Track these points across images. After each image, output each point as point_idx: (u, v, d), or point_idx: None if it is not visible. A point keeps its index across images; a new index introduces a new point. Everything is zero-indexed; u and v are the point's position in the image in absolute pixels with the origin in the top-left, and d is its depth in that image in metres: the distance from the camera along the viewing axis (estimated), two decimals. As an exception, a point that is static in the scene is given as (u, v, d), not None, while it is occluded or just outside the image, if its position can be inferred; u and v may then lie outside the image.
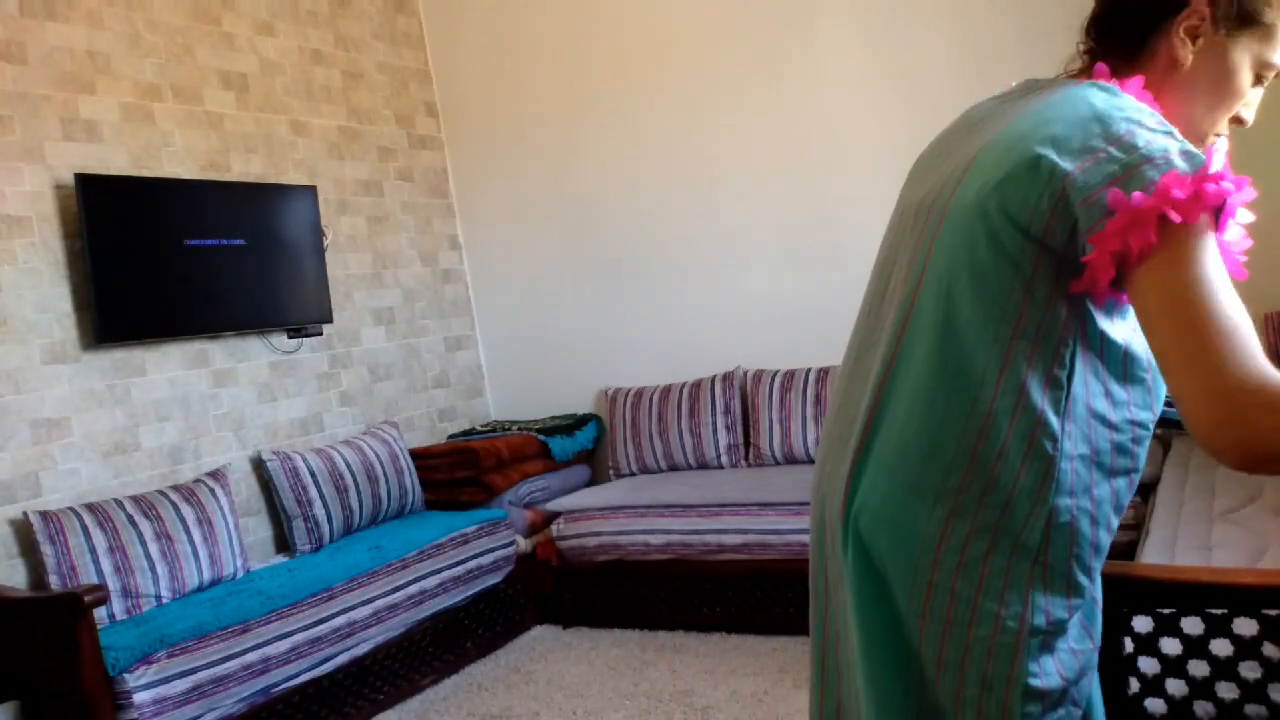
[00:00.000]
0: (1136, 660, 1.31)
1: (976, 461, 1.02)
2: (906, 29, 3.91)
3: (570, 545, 3.84)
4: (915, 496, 1.05)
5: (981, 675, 1.03)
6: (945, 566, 1.03)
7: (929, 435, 1.05)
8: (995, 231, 1.02)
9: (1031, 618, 1.02)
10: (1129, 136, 0.98)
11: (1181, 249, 0.93)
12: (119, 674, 2.55)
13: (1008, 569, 1.02)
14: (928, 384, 1.06)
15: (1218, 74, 1.10)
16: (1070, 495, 1.02)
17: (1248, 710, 1.26)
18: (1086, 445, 1.03)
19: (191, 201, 3.50)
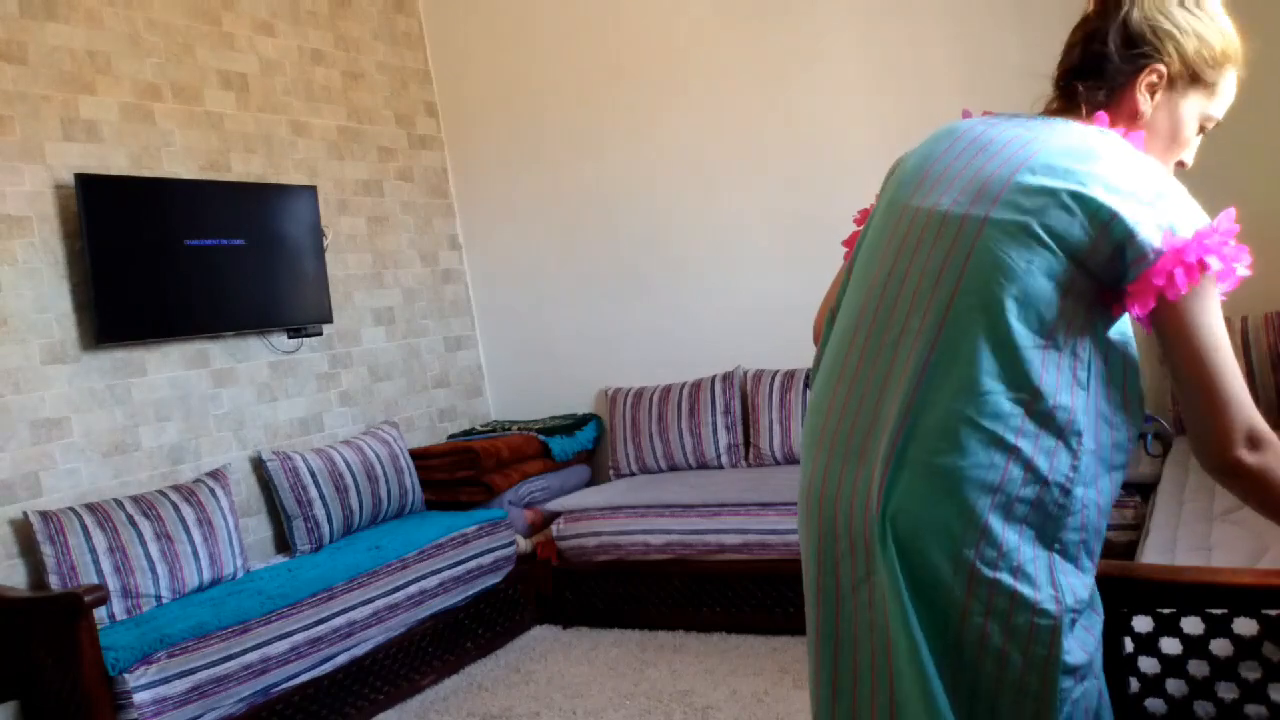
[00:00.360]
0: (1136, 660, 1.31)
1: (1016, 458, 1.11)
2: (906, 31, 3.91)
3: (570, 545, 3.84)
4: (956, 496, 1.11)
5: (1025, 658, 1.10)
6: (986, 559, 1.10)
7: (972, 438, 1.12)
8: (1039, 252, 1.13)
9: (1064, 599, 1.11)
10: (1167, 188, 1.15)
11: (1207, 295, 1.13)
12: (119, 674, 2.55)
13: (1037, 557, 1.12)
14: (970, 389, 1.13)
15: (1171, 124, 1.28)
16: (1085, 486, 1.14)
17: (1248, 710, 1.26)
18: (1094, 441, 1.14)
19: (191, 201, 3.50)
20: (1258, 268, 1.50)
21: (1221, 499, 2.48)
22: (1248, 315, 3.28)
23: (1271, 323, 3.21)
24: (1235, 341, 3.23)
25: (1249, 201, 3.68)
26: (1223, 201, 3.87)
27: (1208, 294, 1.13)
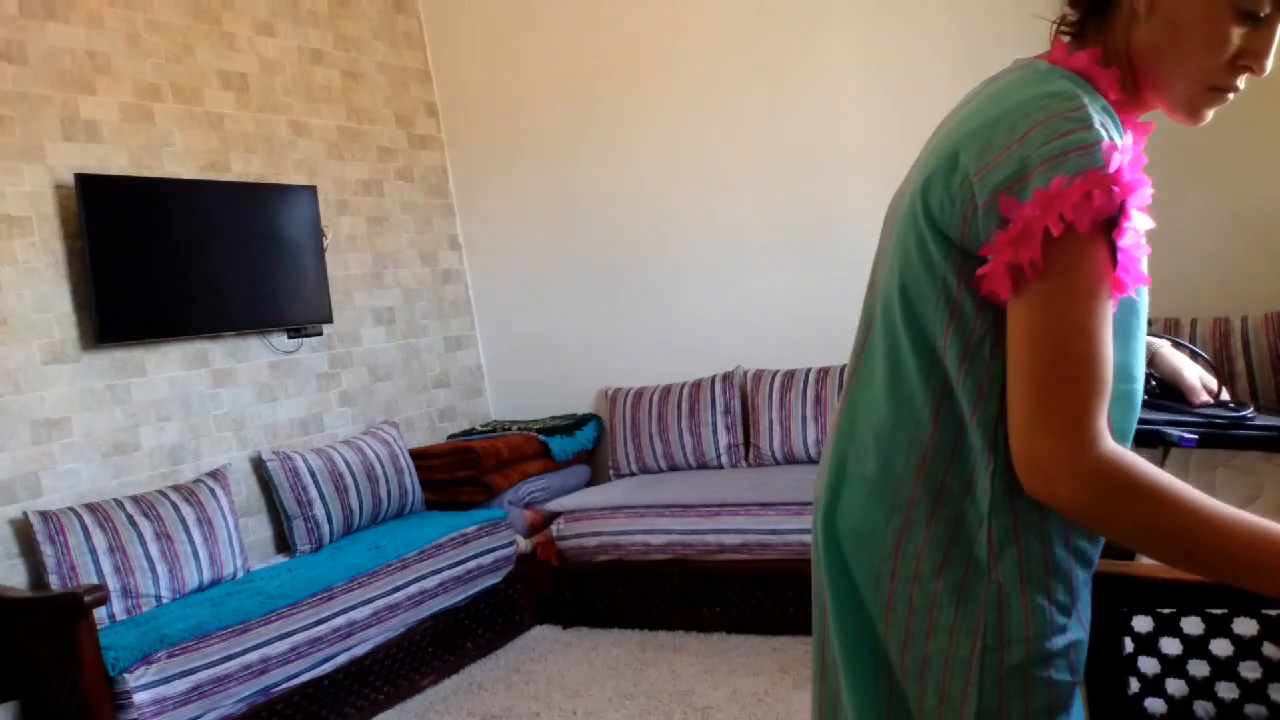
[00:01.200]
0: (1136, 660, 1.31)
1: (925, 475, 1.01)
2: (906, 31, 3.91)
3: (570, 545, 3.84)
4: (878, 506, 1.04)
5: (939, 688, 1.01)
6: (902, 577, 1.02)
7: (883, 447, 1.04)
8: (922, 237, 0.99)
9: (986, 636, 0.98)
10: (1032, 132, 0.90)
11: (1066, 273, 0.89)
12: (119, 674, 2.55)
13: (961, 584, 0.99)
14: (880, 396, 1.05)
15: (1186, 19, 0.94)
16: (1010, 511, 0.98)
17: (1248, 710, 1.26)
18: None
19: (191, 201, 3.50)
20: (1257, 268, 1.49)
21: (1221, 499, 2.47)
22: (1248, 315, 3.28)
23: (1271, 323, 3.21)
24: (1235, 341, 3.24)
25: (1249, 201, 3.70)
26: (1223, 201, 3.87)
27: (1071, 265, 0.89)
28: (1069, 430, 0.88)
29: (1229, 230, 3.44)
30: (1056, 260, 0.88)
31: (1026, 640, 0.98)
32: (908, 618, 1.02)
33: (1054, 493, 0.89)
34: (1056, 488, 0.88)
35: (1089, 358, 0.88)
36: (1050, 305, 0.89)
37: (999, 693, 0.99)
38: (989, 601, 0.99)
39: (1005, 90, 0.97)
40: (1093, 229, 0.88)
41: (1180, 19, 0.93)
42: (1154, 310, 3.55)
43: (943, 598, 1.00)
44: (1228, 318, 3.32)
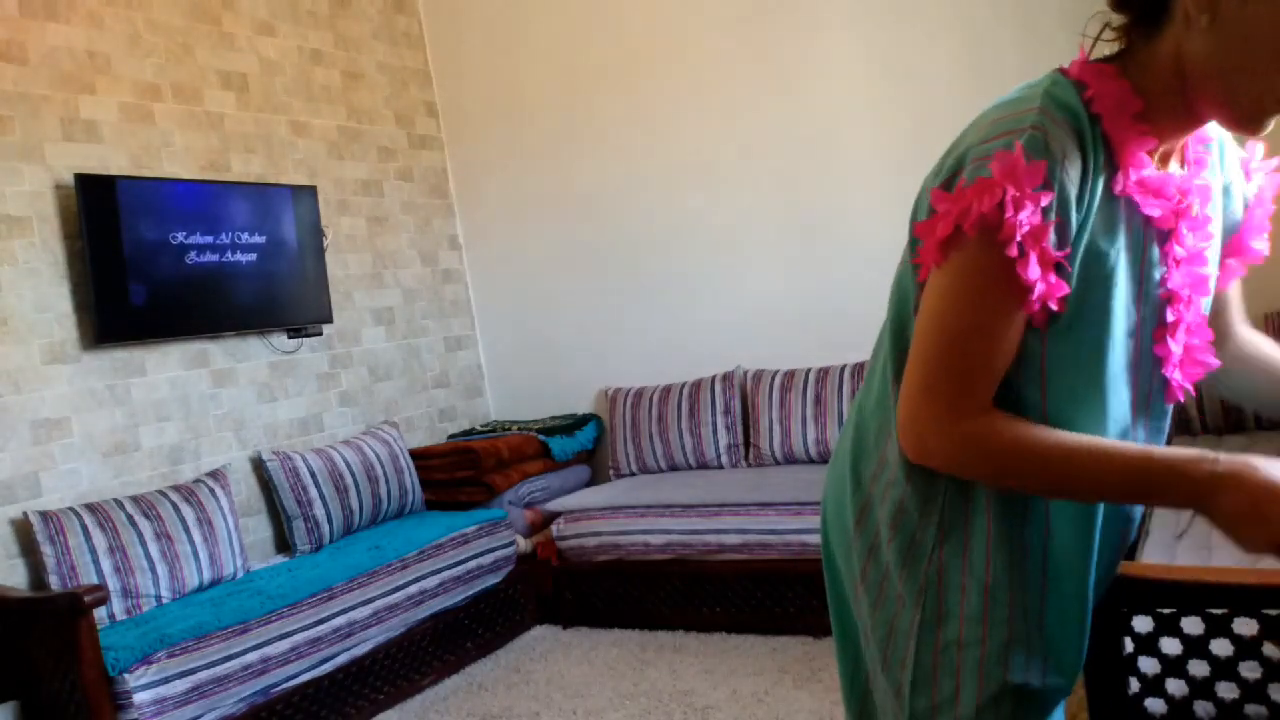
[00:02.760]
0: (1136, 660, 1.31)
1: (888, 453, 1.10)
2: (907, 31, 3.91)
3: (570, 545, 3.84)
4: (849, 482, 1.16)
5: (882, 655, 1.10)
6: (861, 550, 1.14)
7: (863, 425, 1.16)
8: (905, 256, 1.07)
9: (925, 609, 1.06)
10: (973, 132, 1.00)
11: (955, 271, 0.95)
12: (119, 674, 2.55)
13: (906, 558, 1.07)
14: (874, 380, 1.16)
15: (1261, 33, 0.87)
16: (961, 494, 1.05)
17: (1248, 710, 1.26)
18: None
19: (191, 201, 3.50)
20: (1256, 268, 1.51)
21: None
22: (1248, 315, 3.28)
23: (1272, 323, 3.21)
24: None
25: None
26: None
27: (960, 265, 0.96)
28: (942, 402, 0.97)
29: (1229, 230, 3.44)
30: (950, 256, 0.95)
31: (961, 619, 1.05)
32: (865, 587, 1.13)
33: (926, 452, 1.00)
34: (929, 448, 0.99)
35: (968, 347, 0.96)
36: (942, 296, 0.97)
37: (932, 665, 1.06)
38: (929, 577, 1.06)
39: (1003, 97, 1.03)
40: (978, 234, 0.92)
41: (1254, 33, 0.87)
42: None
43: (893, 570, 1.09)
44: (1228, 318, 3.32)
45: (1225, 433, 3.26)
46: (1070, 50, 1.08)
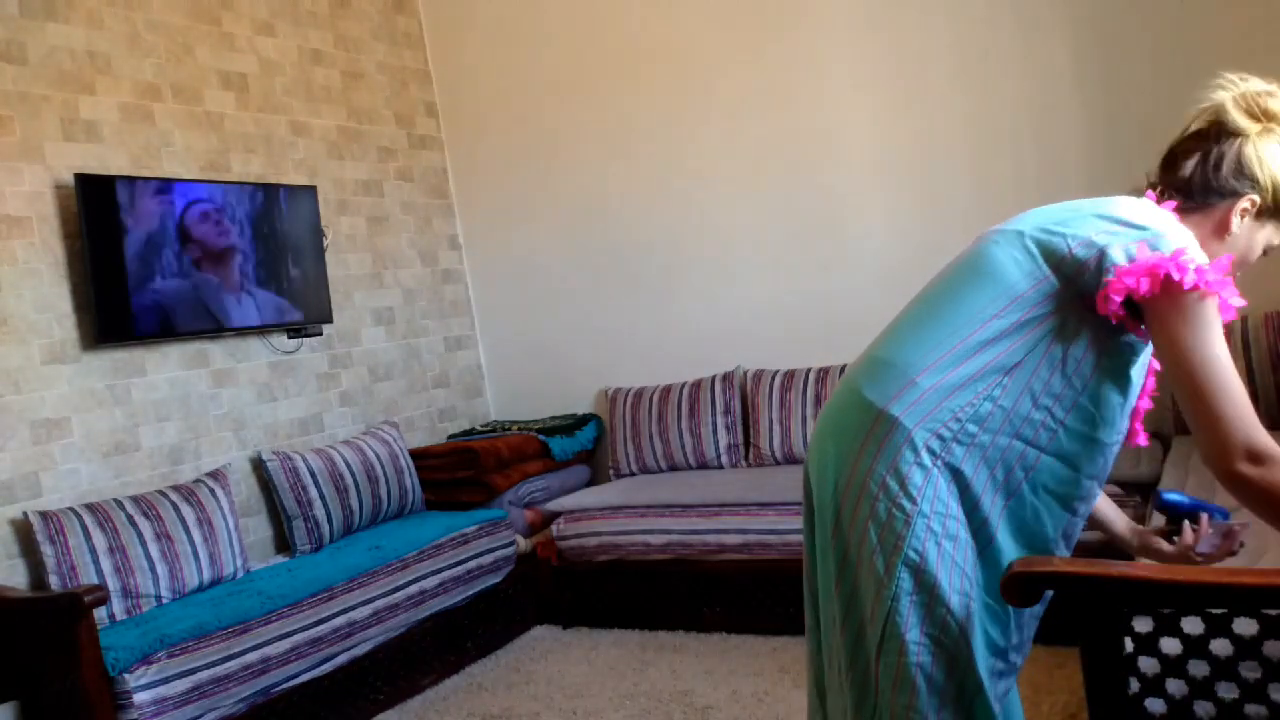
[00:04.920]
0: (1136, 660, 1.31)
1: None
2: (906, 32, 3.91)
3: (570, 545, 3.84)
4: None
5: (861, 609, 1.35)
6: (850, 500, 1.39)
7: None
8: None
9: (921, 502, 1.33)
10: (1164, 226, 1.38)
11: (1198, 312, 1.32)
12: (119, 674, 2.55)
13: (884, 515, 1.34)
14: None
15: (1247, 244, 1.48)
16: (936, 454, 1.36)
17: (1248, 710, 1.26)
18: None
19: (191, 202, 3.50)
20: (1257, 268, 1.51)
21: (1221, 499, 2.48)
22: (1247, 315, 3.28)
23: (1272, 323, 3.21)
24: (1235, 341, 3.23)
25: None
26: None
27: (1197, 311, 1.28)
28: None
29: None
30: (1196, 308, 1.33)
31: (940, 510, 1.33)
32: (844, 544, 1.38)
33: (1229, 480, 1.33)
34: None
35: (1228, 379, 1.33)
36: (1190, 338, 1.35)
37: (901, 616, 1.30)
38: (899, 531, 1.32)
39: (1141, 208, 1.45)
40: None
41: (1246, 243, 1.49)
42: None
43: (870, 524, 1.34)
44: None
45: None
46: (1068, 46, 1.17)
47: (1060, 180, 3.71)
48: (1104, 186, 4.05)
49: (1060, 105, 3.66)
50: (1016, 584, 1.32)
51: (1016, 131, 3.75)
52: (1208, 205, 1.44)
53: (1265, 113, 1.42)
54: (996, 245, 1.44)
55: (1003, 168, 3.79)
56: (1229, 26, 3.38)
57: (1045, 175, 3.72)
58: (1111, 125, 3.59)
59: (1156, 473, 2.93)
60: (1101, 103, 3.60)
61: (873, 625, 1.34)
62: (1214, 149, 1.43)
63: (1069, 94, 3.65)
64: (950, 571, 1.33)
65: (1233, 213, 1.43)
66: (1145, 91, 3.52)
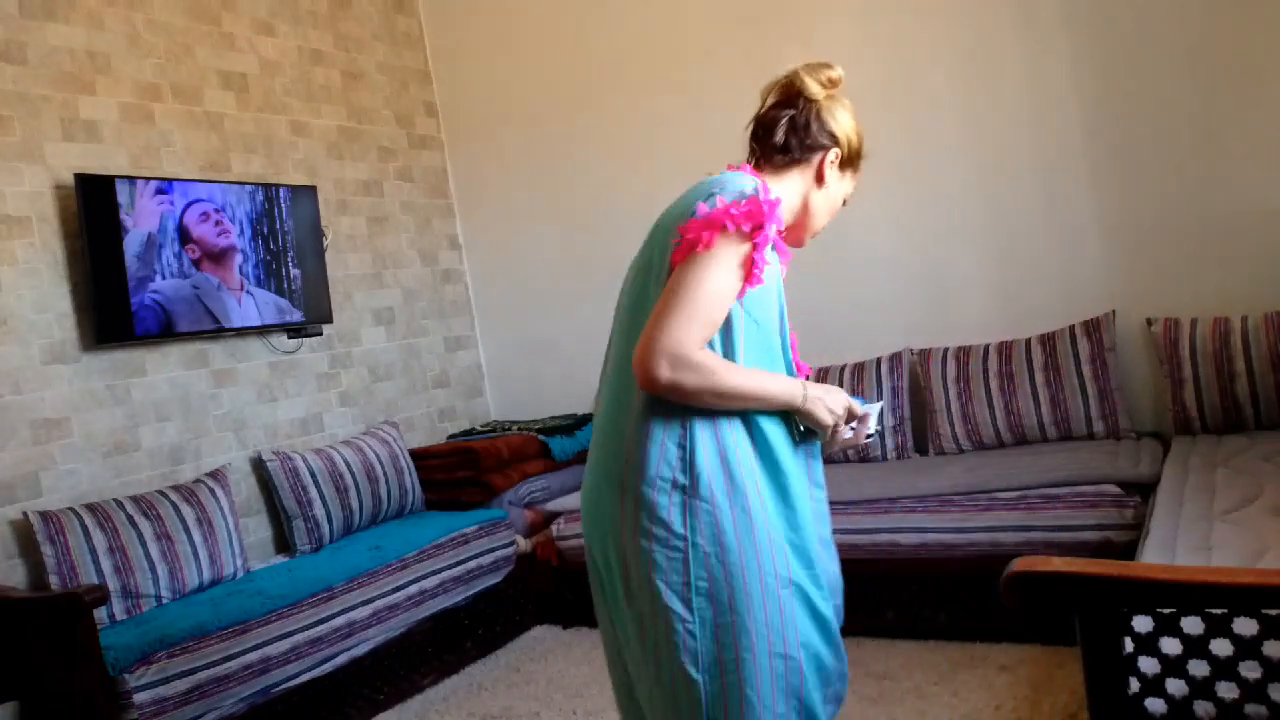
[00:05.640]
0: (1136, 660, 1.31)
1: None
2: (905, 33, 3.90)
3: (570, 545, 3.84)
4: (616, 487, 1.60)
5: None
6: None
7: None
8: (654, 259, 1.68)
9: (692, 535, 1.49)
10: (711, 186, 1.59)
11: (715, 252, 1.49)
12: (119, 674, 2.55)
13: (682, 500, 1.50)
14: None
15: (835, 194, 1.75)
16: (694, 437, 1.54)
17: (1248, 710, 1.26)
18: None
19: (191, 202, 3.50)
20: (1257, 268, 1.50)
21: (1221, 498, 2.48)
22: (1247, 315, 3.28)
23: (1271, 323, 3.20)
24: (1235, 341, 3.24)
25: (1250, 201, 3.69)
26: (1226, 201, 3.87)
27: (716, 251, 1.48)
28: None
29: (1229, 230, 3.44)
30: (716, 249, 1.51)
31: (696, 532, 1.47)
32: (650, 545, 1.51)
33: (647, 374, 1.46)
34: (649, 369, 1.45)
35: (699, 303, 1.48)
36: (697, 267, 1.52)
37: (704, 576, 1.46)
38: (684, 507, 1.48)
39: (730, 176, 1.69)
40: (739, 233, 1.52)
41: (834, 193, 1.76)
42: (1155, 310, 3.56)
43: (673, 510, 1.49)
44: (1228, 318, 3.31)
45: (1225, 432, 3.26)
46: (1068, 47, 1.16)
47: (1060, 179, 3.71)
48: (1104, 184, 4.07)
49: (1060, 104, 3.66)
50: (1017, 584, 1.33)
51: (1018, 131, 3.75)
52: (806, 161, 1.69)
53: (830, 81, 1.70)
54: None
55: (1004, 167, 3.79)
56: (1229, 26, 3.38)
57: (1045, 175, 3.72)
58: (1111, 124, 3.59)
59: (1157, 473, 2.93)
60: (1101, 102, 3.60)
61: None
62: (797, 115, 1.70)
63: (1069, 93, 3.64)
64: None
65: (825, 164, 1.69)
66: (1145, 90, 3.52)
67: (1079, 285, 3.69)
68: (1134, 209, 3.59)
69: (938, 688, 2.83)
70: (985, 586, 2.53)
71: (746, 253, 1.49)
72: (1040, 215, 3.75)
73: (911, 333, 3.93)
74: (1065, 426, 3.49)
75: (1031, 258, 3.78)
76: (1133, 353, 3.62)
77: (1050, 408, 3.50)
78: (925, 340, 3.88)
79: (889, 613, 3.24)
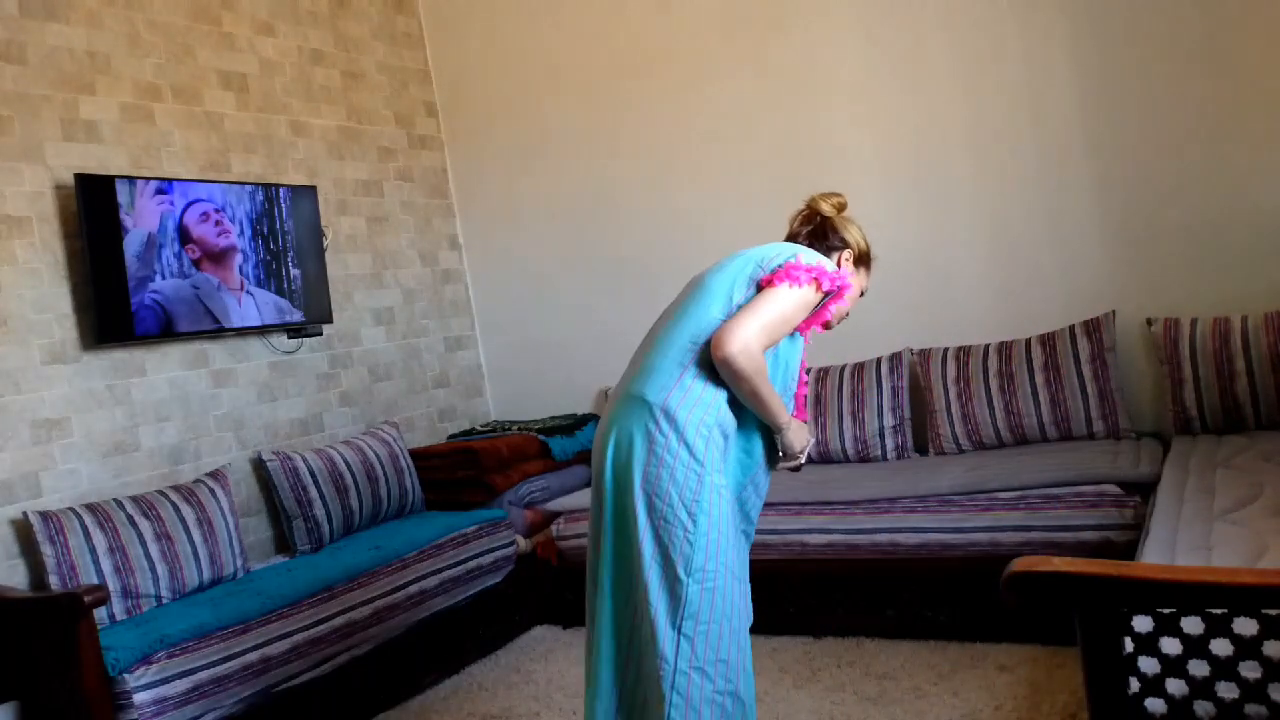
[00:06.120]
0: (1136, 660, 1.31)
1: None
2: (906, 33, 3.91)
3: (570, 545, 3.84)
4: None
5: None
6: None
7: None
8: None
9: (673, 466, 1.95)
10: (801, 249, 2.09)
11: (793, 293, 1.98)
12: (119, 674, 2.55)
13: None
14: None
15: (854, 285, 2.17)
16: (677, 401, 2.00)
17: (1248, 710, 1.26)
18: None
19: (191, 202, 3.50)
20: (1257, 268, 1.50)
21: (1221, 498, 2.48)
22: (1248, 315, 3.28)
23: (1271, 323, 3.21)
24: (1235, 341, 3.24)
25: (1250, 201, 3.69)
26: (1226, 201, 3.87)
27: (793, 293, 1.97)
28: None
29: (1229, 230, 3.44)
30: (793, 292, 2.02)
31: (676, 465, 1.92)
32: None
33: (723, 346, 1.90)
34: (726, 343, 1.91)
35: (776, 323, 1.99)
36: (778, 298, 2.01)
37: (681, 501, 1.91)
38: (707, 440, 1.95)
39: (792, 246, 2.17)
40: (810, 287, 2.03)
41: (856, 285, 2.22)
42: (1155, 310, 3.56)
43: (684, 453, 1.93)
44: (1228, 318, 3.31)
45: (1225, 433, 3.26)
46: (1067, 46, 1.17)
47: (1061, 179, 3.71)
48: (1105, 186, 4.06)
49: (1060, 104, 3.66)
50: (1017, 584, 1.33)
51: (1018, 131, 3.75)
52: (826, 252, 2.15)
53: (838, 205, 2.23)
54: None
55: (1004, 167, 3.79)
56: (1230, 27, 3.38)
57: (1046, 175, 3.72)
58: (1112, 124, 3.59)
59: (1157, 473, 2.93)
60: (1102, 102, 3.60)
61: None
62: (816, 228, 2.21)
63: (1069, 93, 3.65)
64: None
65: (842, 260, 2.18)
66: (1146, 91, 3.52)
67: (1079, 285, 3.70)
68: (1134, 209, 3.59)
69: (938, 688, 2.83)
70: (985, 586, 2.53)
71: (815, 305, 2.02)
72: (1040, 215, 3.75)
73: (911, 333, 3.93)
74: (1065, 426, 3.49)
75: (1031, 258, 3.78)
76: (1133, 353, 3.62)
77: (1050, 408, 3.50)
78: (925, 340, 3.88)
79: (889, 613, 3.24)
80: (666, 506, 1.88)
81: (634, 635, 1.95)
